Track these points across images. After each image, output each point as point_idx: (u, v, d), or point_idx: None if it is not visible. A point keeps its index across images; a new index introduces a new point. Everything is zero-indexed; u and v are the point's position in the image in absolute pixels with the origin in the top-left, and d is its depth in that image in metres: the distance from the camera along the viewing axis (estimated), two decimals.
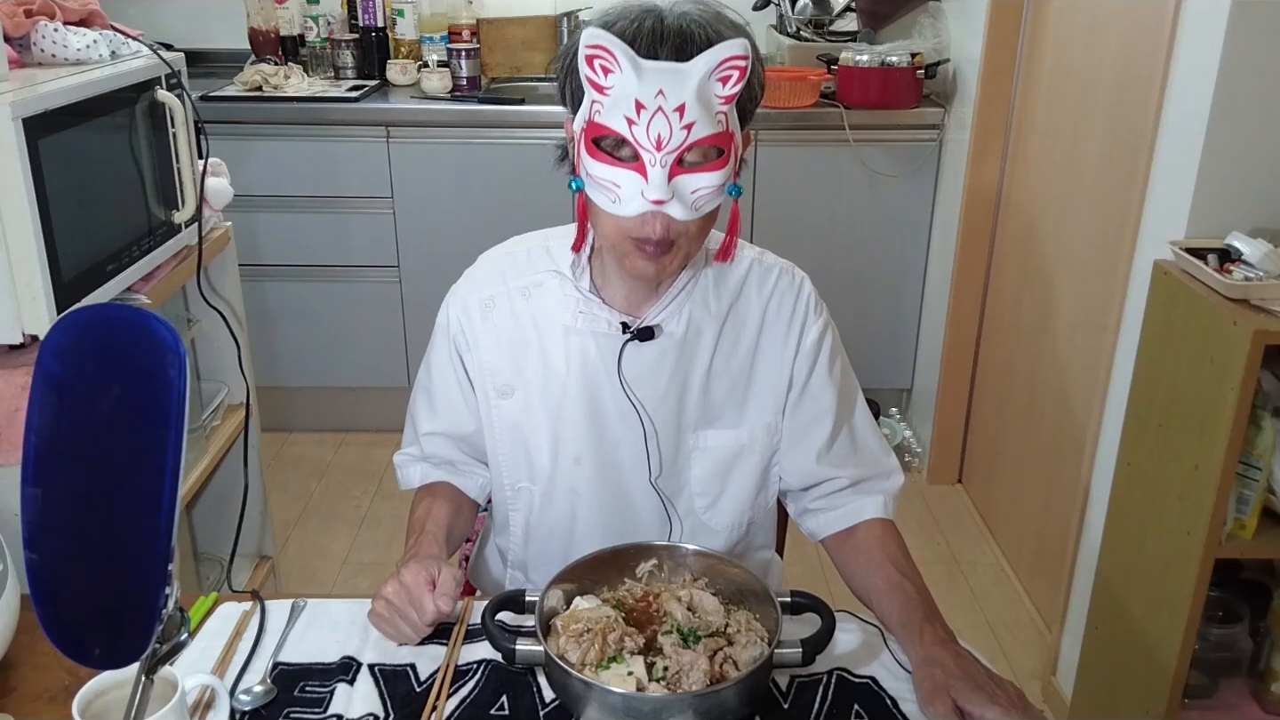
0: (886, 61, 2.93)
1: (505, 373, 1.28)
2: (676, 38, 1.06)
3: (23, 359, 1.47)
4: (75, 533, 0.82)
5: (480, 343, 1.28)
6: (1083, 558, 2.13)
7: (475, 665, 1.10)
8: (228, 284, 2.06)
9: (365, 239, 3.09)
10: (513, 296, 1.27)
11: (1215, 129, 1.68)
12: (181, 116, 1.75)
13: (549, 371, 1.26)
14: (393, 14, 3.26)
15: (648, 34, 1.06)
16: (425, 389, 1.37)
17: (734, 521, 1.31)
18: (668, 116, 1.04)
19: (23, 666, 1.09)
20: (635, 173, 1.07)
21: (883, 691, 1.08)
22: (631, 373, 1.24)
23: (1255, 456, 1.57)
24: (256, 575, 2.23)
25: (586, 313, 1.24)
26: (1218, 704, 1.79)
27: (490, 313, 1.27)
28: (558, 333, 1.25)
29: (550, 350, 1.26)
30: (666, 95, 1.04)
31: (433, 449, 1.38)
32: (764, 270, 1.28)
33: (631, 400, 1.24)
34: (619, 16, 1.09)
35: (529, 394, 1.27)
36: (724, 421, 1.28)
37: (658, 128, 1.05)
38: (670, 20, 1.07)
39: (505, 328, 1.27)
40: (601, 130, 1.07)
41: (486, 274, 1.30)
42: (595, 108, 1.07)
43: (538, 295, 1.26)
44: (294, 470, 3.17)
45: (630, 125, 1.05)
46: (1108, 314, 2.02)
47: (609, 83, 1.05)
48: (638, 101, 1.04)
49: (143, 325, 0.81)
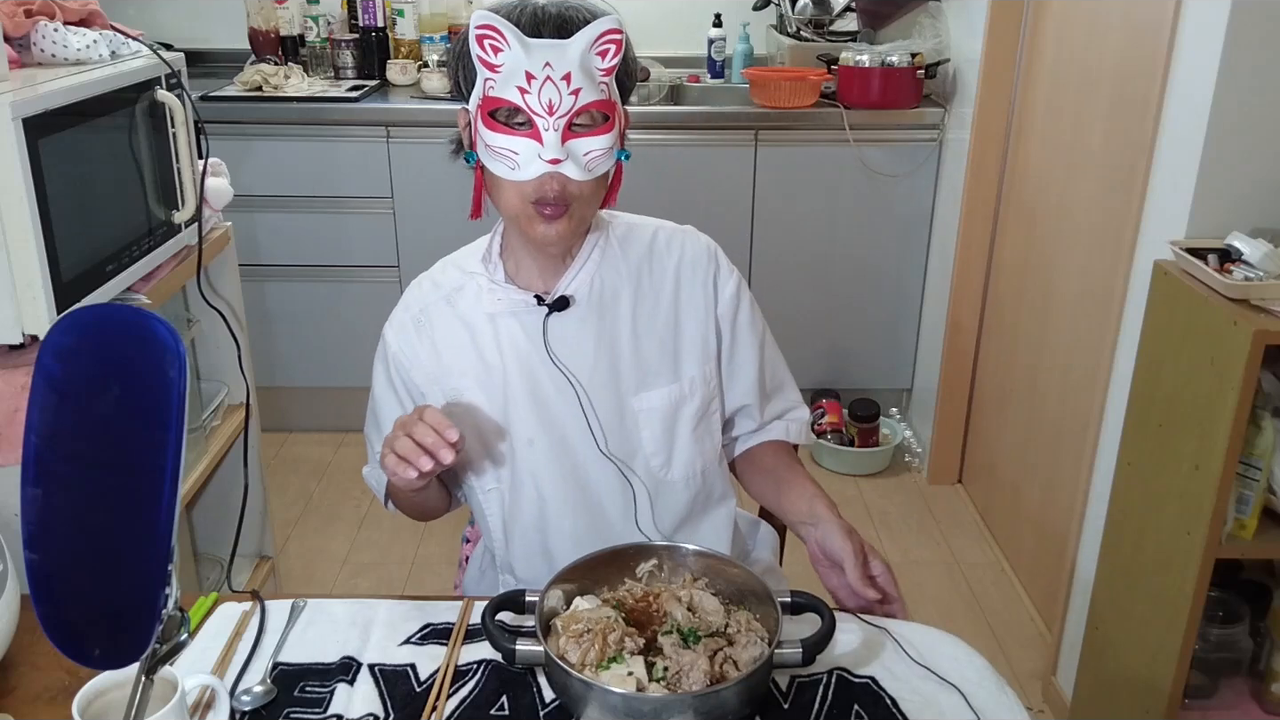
0: (886, 61, 2.93)
1: (451, 377, 1.32)
2: (557, 19, 1.16)
3: (23, 359, 1.47)
4: (75, 533, 0.82)
5: (421, 357, 1.34)
6: (1083, 558, 2.13)
7: (475, 665, 1.10)
8: (227, 284, 2.06)
9: (365, 239, 3.09)
10: (440, 305, 1.34)
11: (1215, 129, 1.68)
12: (181, 116, 1.75)
13: (486, 364, 1.31)
14: (393, 14, 3.26)
15: (529, 16, 1.16)
16: (373, 415, 1.42)
17: (688, 473, 1.35)
18: (556, 85, 1.14)
19: (23, 666, 1.09)
20: (530, 140, 1.16)
21: (883, 691, 1.08)
22: (559, 346, 1.29)
23: (1255, 456, 1.57)
24: (256, 575, 2.23)
25: (504, 297, 1.30)
26: (1218, 704, 1.79)
27: (424, 326, 1.34)
28: (485, 324, 1.31)
29: (483, 343, 1.31)
30: (554, 66, 1.14)
31: None
32: (669, 234, 1.37)
33: (563, 372, 1.29)
34: (501, 4, 1.19)
35: (474, 391, 1.32)
36: (661, 380, 1.33)
37: (548, 95, 1.15)
38: (549, 6, 1.18)
39: (440, 335, 1.33)
40: (497, 103, 1.16)
41: (413, 295, 1.38)
42: (489, 84, 1.16)
43: (460, 298, 1.33)
44: (294, 470, 3.17)
45: (523, 95, 1.15)
46: (1108, 314, 2.02)
47: (499, 60, 1.14)
48: (528, 73, 1.14)
49: (143, 325, 0.81)
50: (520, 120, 1.16)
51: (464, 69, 1.21)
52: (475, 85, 1.18)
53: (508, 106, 1.16)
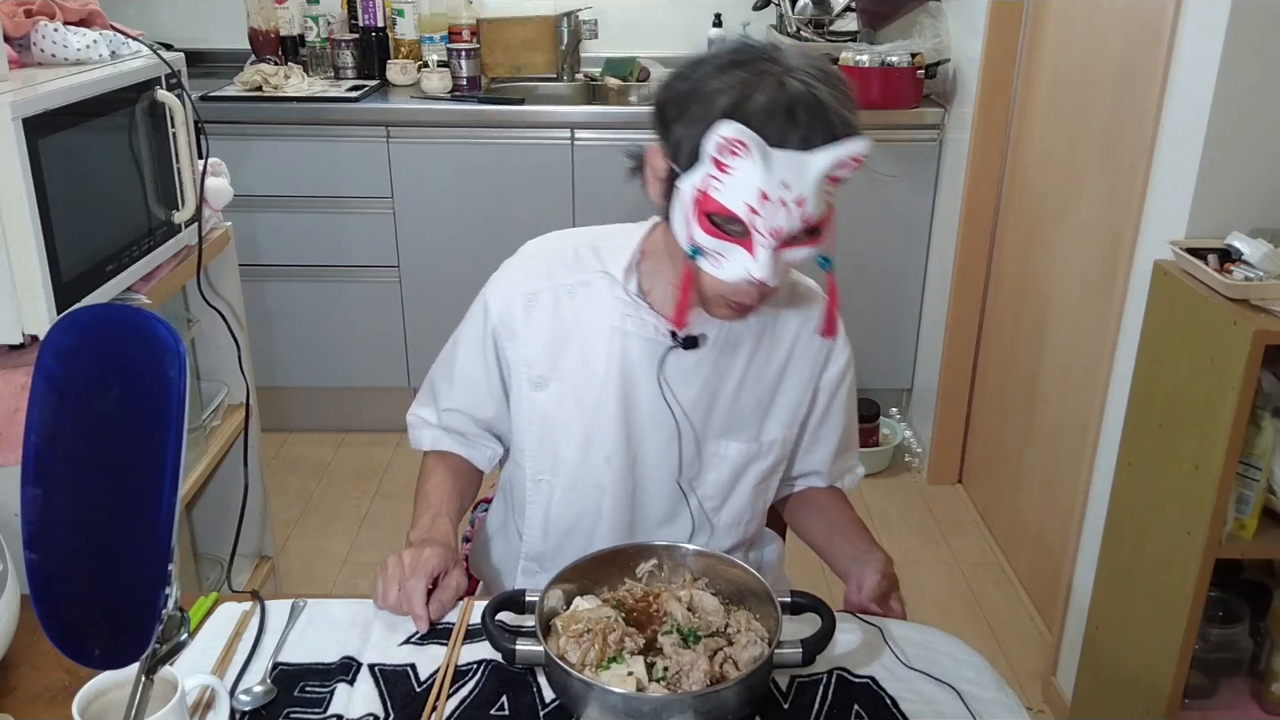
0: (886, 61, 2.93)
1: (541, 365, 1.29)
2: (806, 127, 1.05)
3: (23, 359, 1.47)
4: (75, 533, 0.82)
5: (520, 334, 1.29)
6: (1083, 558, 2.13)
7: (475, 665, 1.10)
8: (227, 284, 2.06)
9: (365, 239, 3.09)
10: (558, 293, 1.28)
11: (1215, 129, 1.68)
12: (181, 116, 1.75)
13: (588, 370, 1.27)
14: (393, 14, 3.26)
15: (780, 121, 1.04)
16: (448, 365, 1.38)
17: (735, 520, 1.36)
18: (788, 207, 1.06)
19: (23, 666, 1.09)
20: (743, 249, 1.09)
21: (883, 691, 1.08)
22: (670, 376, 1.26)
23: (1255, 456, 1.57)
24: (256, 575, 2.23)
25: (634, 316, 1.25)
26: (1218, 704, 1.79)
27: (533, 307, 1.28)
28: (602, 333, 1.26)
29: (591, 349, 1.27)
30: (790, 187, 1.05)
31: (448, 421, 1.40)
32: (803, 292, 1.33)
33: (669, 404, 1.27)
34: (744, 86, 1.06)
35: (563, 389, 1.29)
36: (744, 435, 1.32)
37: (779, 220, 1.07)
38: (798, 94, 1.05)
39: (546, 323, 1.28)
40: (721, 210, 1.08)
41: (532, 269, 1.31)
42: (714, 184, 1.07)
43: (584, 294, 1.27)
44: (294, 470, 3.17)
45: (751, 214, 1.06)
46: (1108, 314, 2.02)
47: (734, 165, 1.05)
48: (763, 192, 1.05)
49: (143, 325, 0.81)
50: (737, 230, 1.09)
51: (685, 132, 1.09)
52: (697, 170, 1.08)
53: (732, 218, 1.08)
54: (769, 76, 1.06)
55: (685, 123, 1.09)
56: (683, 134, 1.09)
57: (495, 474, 1.49)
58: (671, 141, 1.12)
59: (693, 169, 1.09)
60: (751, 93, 1.05)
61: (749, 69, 1.07)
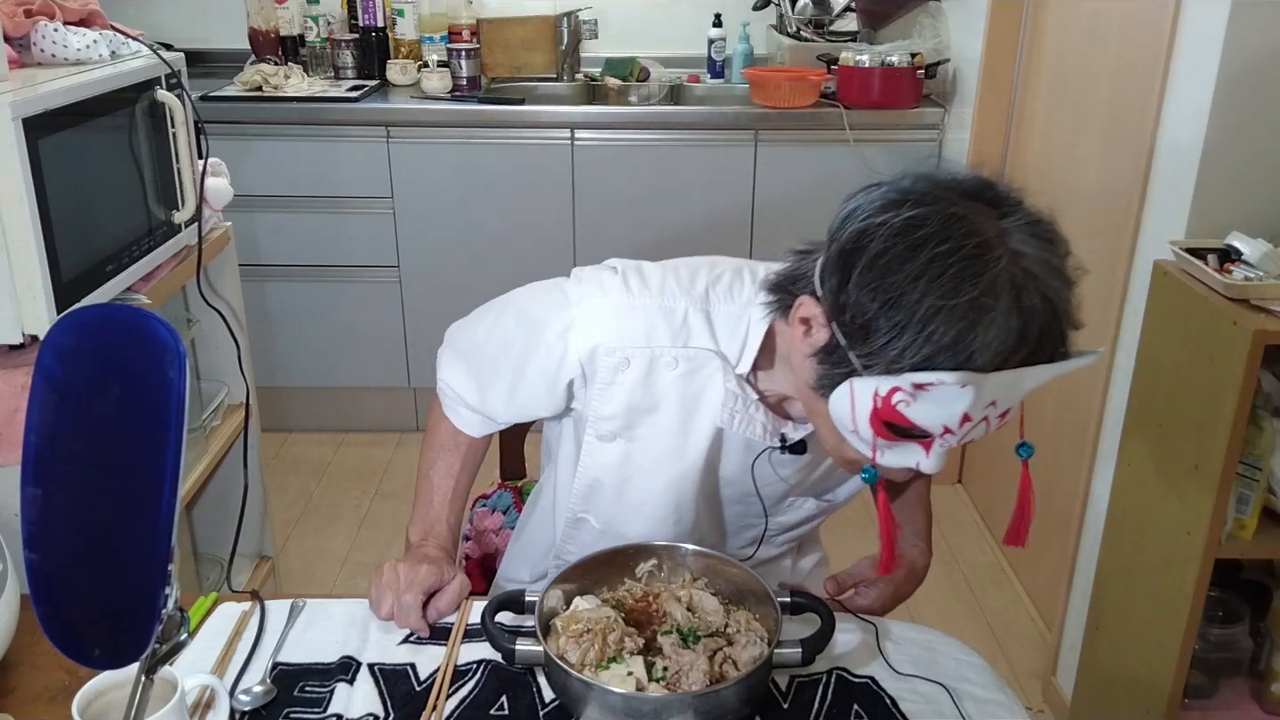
0: (886, 61, 2.93)
1: (615, 424, 1.14)
2: (1034, 345, 0.86)
3: (23, 359, 1.47)
4: (75, 533, 0.82)
5: (599, 391, 1.13)
6: (1083, 558, 2.13)
7: (475, 665, 1.10)
8: (227, 284, 2.06)
9: (365, 239, 3.09)
10: (656, 361, 1.11)
11: (1215, 129, 1.68)
12: (181, 116, 1.75)
13: (671, 446, 1.14)
14: (393, 14, 3.26)
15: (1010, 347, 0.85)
16: (479, 368, 1.22)
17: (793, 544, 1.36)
18: (989, 422, 0.90)
19: (23, 666, 1.09)
20: (919, 447, 0.93)
21: (882, 691, 1.08)
22: (761, 466, 1.17)
23: (1255, 456, 1.57)
24: (256, 575, 2.23)
25: (743, 414, 1.11)
26: (1218, 704, 1.79)
27: (623, 370, 1.11)
28: (699, 419, 1.12)
29: (681, 429, 1.13)
30: (998, 404, 0.88)
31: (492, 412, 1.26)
32: None
33: (757, 492, 1.19)
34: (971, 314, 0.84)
35: (634, 449, 1.15)
36: (825, 494, 1.28)
37: (974, 434, 0.91)
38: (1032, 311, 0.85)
39: (634, 386, 1.12)
40: (907, 424, 0.90)
41: (630, 327, 1.11)
42: (904, 401, 0.88)
43: (688, 370, 1.10)
44: (294, 470, 3.17)
45: (945, 435, 0.90)
46: (1108, 314, 2.02)
47: (939, 395, 0.86)
48: (966, 415, 0.87)
49: (143, 325, 0.81)
50: (918, 435, 0.92)
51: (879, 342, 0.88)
52: (886, 379, 0.88)
53: (919, 431, 0.91)
54: (1000, 290, 0.84)
55: (883, 332, 0.87)
56: (877, 344, 0.88)
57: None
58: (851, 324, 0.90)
59: (878, 374, 0.89)
60: (977, 324, 0.84)
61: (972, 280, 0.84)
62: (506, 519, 1.54)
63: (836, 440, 0.99)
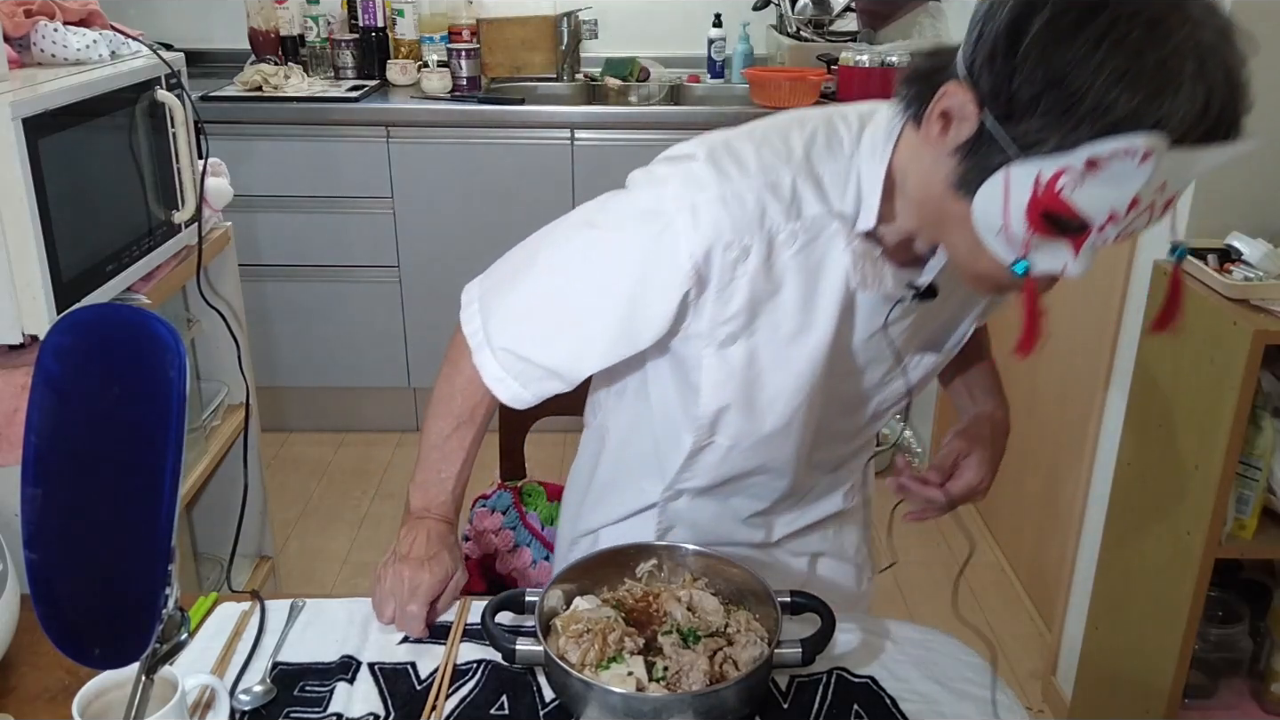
0: (886, 61, 2.93)
1: (737, 323, 1.05)
2: (1214, 122, 0.81)
3: (23, 359, 1.47)
4: (75, 533, 0.82)
5: (716, 292, 1.03)
6: (1083, 558, 2.13)
7: (475, 665, 1.10)
8: (227, 284, 2.06)
9: (365, 239, 3.09)
10: (773, 243, 1.02)
11: None
12: (181, 116, 1.75)
13: (798, 330, 1.06)
14: (393, 14, 3.27)
15: (1194, 117, 0.79)
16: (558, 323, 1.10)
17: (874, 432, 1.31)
18: (1153, 210, 0.83)
19: (23, 666, 1.09)
20: (1068, 246, 0.85)
21: (882, 691, 1.08)
22: (892, 320, 1.09)
23: (1255, 456, 1.57)
24: (256, 575, 2.23)
25: (873, 273, 1.03)
26: (1218, 704, 1.79)
27: (742, 261, 1.01)
28: (825, 290, 1.04)
29: (803, 308, 1.05)
30: (1166, 189, 0.82)
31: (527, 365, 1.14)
32: None
33: (890, 347, 1.11)
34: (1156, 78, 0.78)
35: (760, 350, 1.07)
36: (943, 347, 1.21)
37: (1135, 224, 0.84)
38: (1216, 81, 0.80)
39: (754, 275, 1.02)
40: (1069, 213, 0.82)
41: (740, 216, 1.00)
42: (1071, 183, 0.80)
43: (805, 242, 1.02)
44: (294, 470, 3.17)
45: (1111, 222, 0.82)
46: (1108, 314, 2.02)
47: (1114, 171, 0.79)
48: (1135, 198, 0.81)
49: (143, 325, 0.80)
50: (1073, 227, 0.84)
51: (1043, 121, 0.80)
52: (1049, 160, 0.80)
53: (1075, 220, 0.83)
54: (1185, 55, 0.78)
55: (1057, 104, 0.79)
56: (1043, 122, 0.80)
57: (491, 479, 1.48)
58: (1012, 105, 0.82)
59: (1040, 157, 0.81)
60: (1164, 90, 0.77)
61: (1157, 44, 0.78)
62: (506, 519, 1.54)
63: (972, 251, 0.91)
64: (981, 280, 0.96)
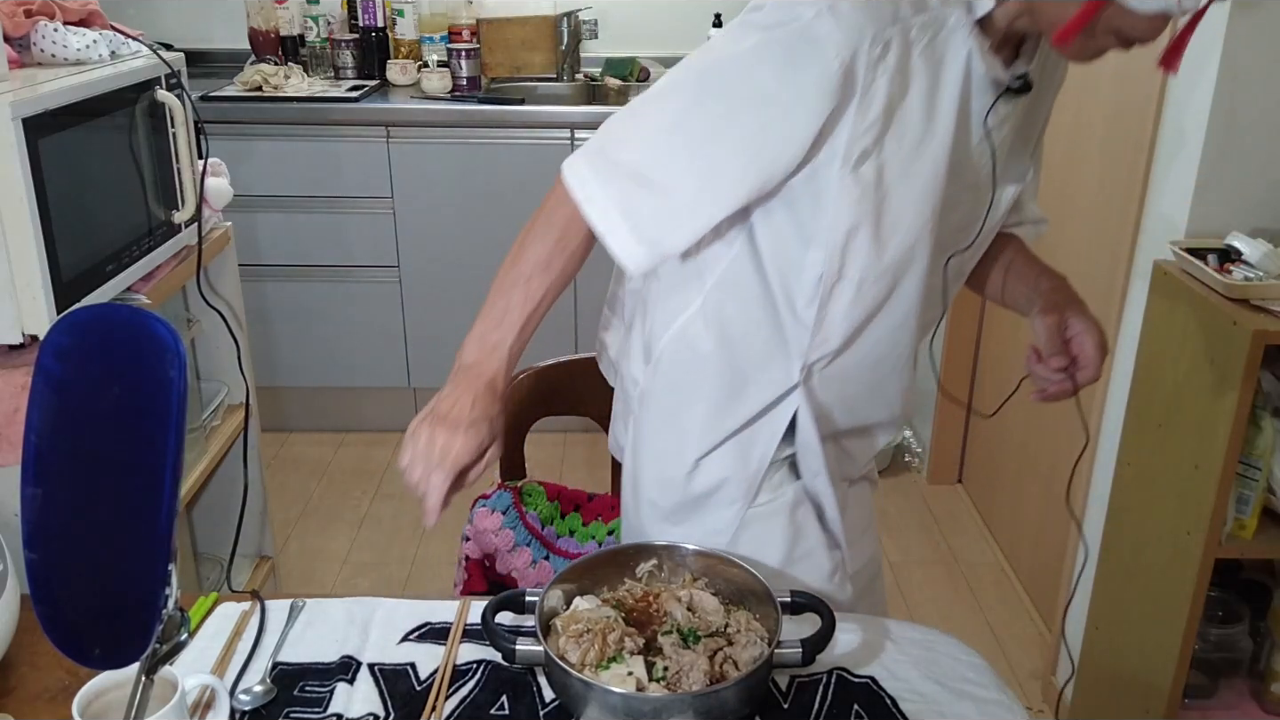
0: None
1: (874, 133, 1.00)
2: None
3: (23, 359, 1.47)
4: (75, 533, 0.82)
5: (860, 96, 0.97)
6: (1083, 557, 2.13)
7: (475, 665, 1.10)
8: (227, 284, 2.06)
9: (365, 239, 3.09)
10: (908, 38, 0.97)
11: (1215, 129, 1.68)
12: (181, 116, 1.75)
13: (922, 137, 1.01)
14: (393, 14, 3.27)
15: None
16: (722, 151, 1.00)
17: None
18: None
19: (23, 666, 1.09)
20: None
21: (882, 691, 1.08)
22: (990, 123, 1.06)
23: (1255, 456, 1.57)
24: (256, 575, 2.23)
25: (988, 59, 1.00)
26: (1218, 704, 1.79)
27: (882, 61, 0.96)
28: (948, 86, 1.00)
29: (926, 110, 1.00)
30: None
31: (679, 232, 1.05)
32: None
33: (994, 159, 1.07)
34: None
35: (888, 164, 1.02)
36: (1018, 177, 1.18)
37: None
38: None
39: (892, 75, 0.98)
40: None
41: (876, 10, 0.96)
42: None
43: (931, 39, 0.98)
44: (294, 470, 3.17)
45: None
46: (1108, 314, 2.02)
47: None
48: None
49: (143, 325, 0.81)
50: None
51: None
52: None
53: None
54: None
55: None
56: None
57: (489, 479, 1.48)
58: None
59: None
60: None
61: None
62: (506, 519, 1.54)
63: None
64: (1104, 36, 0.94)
